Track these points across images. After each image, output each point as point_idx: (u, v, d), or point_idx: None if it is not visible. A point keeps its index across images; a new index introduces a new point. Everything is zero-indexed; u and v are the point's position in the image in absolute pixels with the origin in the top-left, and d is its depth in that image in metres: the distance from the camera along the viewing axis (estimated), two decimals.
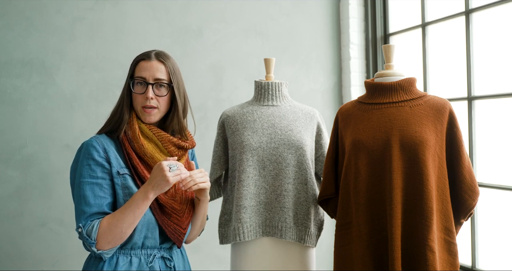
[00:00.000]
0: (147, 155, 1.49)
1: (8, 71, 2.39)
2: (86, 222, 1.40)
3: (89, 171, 1.43)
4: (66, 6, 2.49)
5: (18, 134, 2.41)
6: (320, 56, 3.05)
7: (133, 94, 1.54)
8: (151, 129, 1.52)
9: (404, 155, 1.60)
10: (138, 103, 1.52)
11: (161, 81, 1.52)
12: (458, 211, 1.67)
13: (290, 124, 1.90)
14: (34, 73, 2.44)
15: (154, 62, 1.52)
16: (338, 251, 1.73)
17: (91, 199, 1.41)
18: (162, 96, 1.52)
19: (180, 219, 1.52)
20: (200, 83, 2.77)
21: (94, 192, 1.42)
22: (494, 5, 2.26)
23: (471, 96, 2.37)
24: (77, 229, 1.41)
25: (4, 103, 2.39)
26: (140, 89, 1.52)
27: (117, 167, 1.46)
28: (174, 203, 1.52)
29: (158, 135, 1.52)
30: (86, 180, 1.43)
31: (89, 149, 1.45)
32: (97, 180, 1.43)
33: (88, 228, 1.39)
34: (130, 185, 1.46)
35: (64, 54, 2.48)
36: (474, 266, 2.35)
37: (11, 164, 2.40)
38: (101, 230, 1.38)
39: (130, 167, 1.48)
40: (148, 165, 1.51)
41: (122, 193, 1.45)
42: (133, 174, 1.48)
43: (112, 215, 1.41)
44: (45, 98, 2.45)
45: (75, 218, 1.44)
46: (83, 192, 1.42)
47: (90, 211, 1.41)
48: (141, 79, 1.52)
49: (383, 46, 1.77)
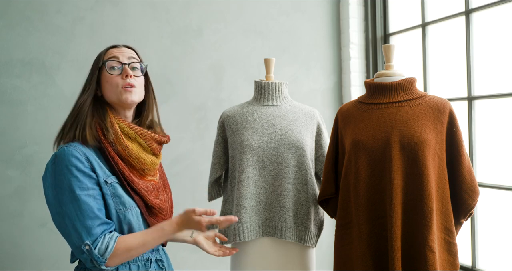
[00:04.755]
0: (132, 156, 1.43)
1: (8, 71, 2.39)
2: (94, 238, 1.32)
3: (78, 183, 1.33)
4: (66, 6, 2.49)
5: (18, 135, 2.41)
6: (320, 56, 3.05)
7: (105, 83, 1.45)
8: (132, 128, 1.45)
9: (404, 155, 1.60)
10: (116, 85, 1.44)
11: (134, 61, 1.49)
12: (458, 211, 1.67)
13: (290, 124, 1.90)
14: (34, 73, 2.43)
15: (124, 48, 1.51)
16: (338, 251, 1.73)
17: (90, 212, 1.32)
18: (138, 76, 1.49)
19: (165, 218, 1.52)
20: (200, 83, 2.77)
21: (91, 204, 1.33)
22: (494, 5, 2.26)
23: (471, 96, 2.37)
24: (83, 247, 1.31)
25: (4, 103, 2.39)
26: (116, 71, 1.46)
27: (103, 176, 1.37)
28: (160, 203, 1.50)
29: (140, 133, 1.46)
30: (79, 193, 1.32)
31: (71, 160, 1.33)
32: (88, 191, 1.34)
33: (99, 246, 1.31)
34: (120, 194, 1.40)
35: (64, 54, 2.48)
36: (474, 266, 2.35)
37: (11, 164, 2.40)
38: (117, 252, 1.33)
39: (117, 172, 1.40)
40: (133, 166, 1.44)
41: (113, 202, 1.38)
42: (121, 180, 1.41)
43: (132, 239, 1.36)
44: (45, 98, 2.45)
45: (72, 236, 1.33)
46: (80, 206, 1.32)
47: (93, 225, 1.32)
48: (115, 59, 1.46)
49: (383, 46, 1.77)
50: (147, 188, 1.47)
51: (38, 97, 2.44)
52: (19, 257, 2.41)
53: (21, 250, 2.41)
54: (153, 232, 1.40)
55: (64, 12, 2.49)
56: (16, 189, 2.41)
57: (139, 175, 1.46)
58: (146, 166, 1.46)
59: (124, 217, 1.39)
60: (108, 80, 1.45)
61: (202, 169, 2.74)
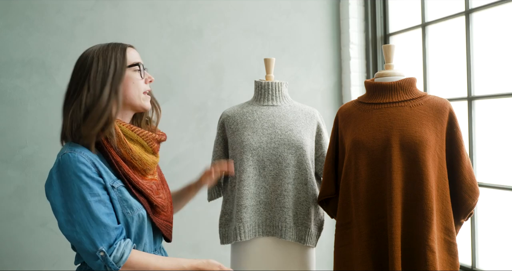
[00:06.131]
0: (135, 158, 1.41)
1: (8, 71, 2.39)
2: (108, 244, 1.32)
3: (88, 189, 1.31)
4: (66, 6, 2.49)
5: (18, 134, 2.41)
6: (320, 56, 3.05)
7: (131, 84, 1.44)
8: (133, 130, 1.44)
9: (404, 155, 1.60)
10: (140, 90, 1.46)
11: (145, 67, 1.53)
12: (458, 211, 1.67)
13: (290, 124, 1.90)
14: (34, 73, 2.43)
15: (136, 50, 1.52)
16: (338, 251, 1.73)
17: (103, 218, 1.32)
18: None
19: (167, 214, 1.53)
20: (200, 83, 2.77)
21: (102, 210, 1.33)
22: (494, 5, 2.26)
23: (471, 96, 2.37)
24: (98, 253, 1.30)
25: (4, 103, 2.39)
26: (144, 75, 1.49)
27: (109, 181, 1.36)
28: (162, 201, 1.51)
29: (142, 135, 1.46)
30: (89, 200, 1.31)
31: (79, 166, 1.32)
32: (99, 197, 1.33)
33: (114, 253, 1.31)
34: (127, 197, 1.39)
35: (64, 54, 2.48)
36: (474, 266, 2.35)
37: (11, 164, 2.40)
38: (128, 264, 1.33)
39: (122, 176, 1.39)
40: (135, 167, 1.44)
41: (120, 207, 1.38)
42: (127, 184, 1.40)
43: (145, 258, 1.37)
44: (45, 98, 2.45)
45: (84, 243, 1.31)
46: (92, 213, 1.31)
47: (106, 231, 1.32)
48: (141, 64, 1.48)
49: (383, 46, 1.77)
50: (151, 188, 1.47)
51: (38, 97, 2.44)
52: (19, 257, 2.41)
53: (21, 250, 2.41)
54: (168, 260, 1.42)
55: (64, 12, 2.49)
56: (16, 189, 2.41)
57: (140, 176, 1.46)
58: (148, 166, 1.46)
59: (132, 220, 1.39)
60: (135, 82, 1.45)
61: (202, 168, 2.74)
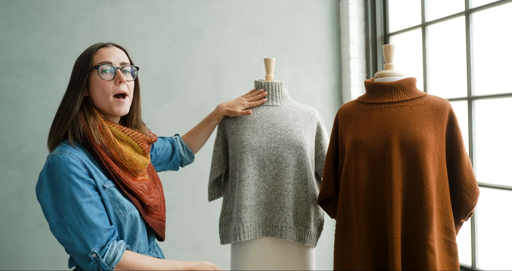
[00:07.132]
0: (125, 159, 1.40)
1: (8, 71, 2.39)
2: (101, 245, 1.31)
3: (79, 190, 1.30)
4: (66, 6, 2.49)
5: (18, 134, 2.41)
6: (320, 56, 3.05)
7: (96, 87, 1.40)
8: (124, 131, 1.43)
9: (404, 155, 1.60)
10: (108, 93, 1.40)
11: (126, 66, 1.44)
12: (458, 211, 1.67)
13: (290, 124, 1.90)
14: (34, 73, 2.44)
15: (115, 48, 1.45)
16: (338, 251, 1.73)
17: (93, 219, 1.30)
18: (130, 81, 1.45)
19: (160, 214, 1.52)
20: (200, 83, 2.77)
21: (93, 211, 1.31)
22: (494, 5, 2.27)
23: (471, 96, 2.37)
24: (90, 255, 1.30)
25: (4, 103, 2.39)
26: (109, 76, 1.40)
27: (100, 182, 1.35)
28: (154, 201, 1.50)
29: (132, 135, 1.44)
30: (80, 201, 1.29)
31: (69, 167, 1.30)
32: (90, 197, 1.31)
33: (107, 255, 1.30)
34: (119, 198, 1.38)
35: (64, 54, 2.48)
36: (474, 266, 2.35)
37: (11, 164, 2.40)
38: (122, 264, 1.33)
39: (113, 177, 1.38)
40: (125, 168, 1.43)
41: (112, 207, 1.36)
42: (118, 184, 1.39)
43: (139, 259, 1.35)
44: (45, 98, 2.45)
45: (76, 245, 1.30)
46: (83, 214, 1.29)
47: (98, 232, 1.30)
48: (107, 64, 1.40)
49: (383, 46, 1.77)
50: (143, 188, 1.46)
51: (38, 97, 2.44)
52: (19, 257, 2.41)
53: (21, 250, 2.41)
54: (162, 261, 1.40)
55: (64, 12, 2.49)
56: (16, 189, 2.41)
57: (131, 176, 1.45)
58: (138, 167, 1.45)
59: (125, 220, 1.39)
60: (99, 85, 1.40)
61: (202, 169, 2.74)
